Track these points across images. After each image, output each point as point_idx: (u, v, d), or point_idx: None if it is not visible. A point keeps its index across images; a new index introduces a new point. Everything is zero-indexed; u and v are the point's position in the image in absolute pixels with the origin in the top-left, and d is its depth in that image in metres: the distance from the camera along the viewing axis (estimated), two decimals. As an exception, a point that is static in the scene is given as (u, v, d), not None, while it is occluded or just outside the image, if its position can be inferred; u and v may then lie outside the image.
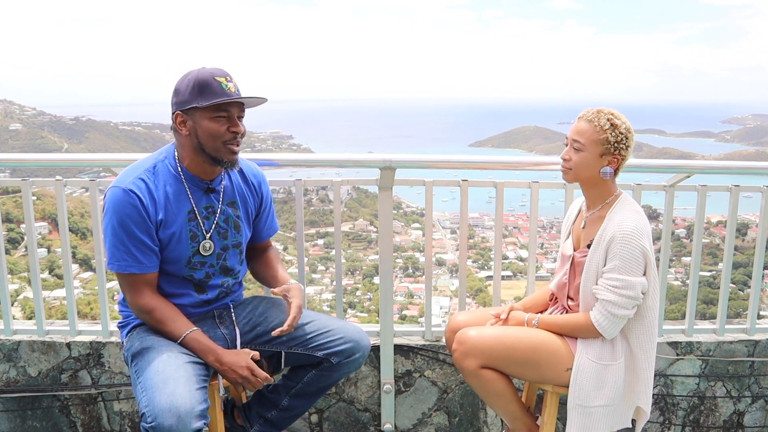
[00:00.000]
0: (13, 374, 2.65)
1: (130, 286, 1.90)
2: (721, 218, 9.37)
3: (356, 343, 2.06)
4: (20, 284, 12.52)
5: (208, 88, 1.81)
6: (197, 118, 1.84)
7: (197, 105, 1.82)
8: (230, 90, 1.83)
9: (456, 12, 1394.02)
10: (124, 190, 1.83)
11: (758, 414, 2.81)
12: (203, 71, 1.84)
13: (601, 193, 1.99)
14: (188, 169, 1.92)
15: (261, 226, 2.18)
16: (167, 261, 1.93)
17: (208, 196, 1.96)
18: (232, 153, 1.89)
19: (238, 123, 1.88)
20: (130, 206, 1.82)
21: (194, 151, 1.89)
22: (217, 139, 1.85)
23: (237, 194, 2.04)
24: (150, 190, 1.86)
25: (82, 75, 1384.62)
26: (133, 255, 1.85)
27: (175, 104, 1.86)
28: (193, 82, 1.82)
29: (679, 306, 8.78)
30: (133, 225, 1.83)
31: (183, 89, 1.84)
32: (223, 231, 2.00)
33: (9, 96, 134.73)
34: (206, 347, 1.87)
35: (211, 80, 1.82)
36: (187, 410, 1.65)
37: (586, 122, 1.92)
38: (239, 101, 1.86)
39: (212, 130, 1.84)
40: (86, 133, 35.22)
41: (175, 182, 1.91)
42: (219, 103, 1.82)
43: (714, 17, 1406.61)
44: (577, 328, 1.95)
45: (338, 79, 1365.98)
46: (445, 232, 22.66)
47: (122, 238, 1.83)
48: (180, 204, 1.91)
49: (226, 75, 1.85)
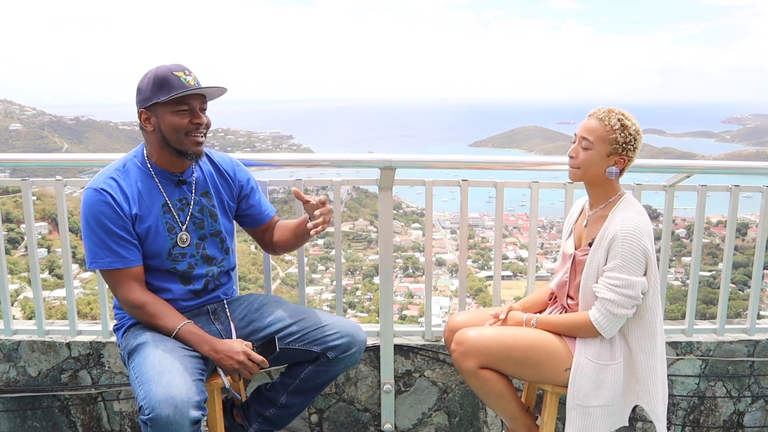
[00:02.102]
0: (13, 374, 2.65)
1: (118, 283, 1.92)
2: (721, 218, 9.37)
3: (352, 338, 2.07)
4: (20, 284, 12.53)
5: (168, 83, 1.85)
6: (160, 114, 1.88)
7: (158, 100, 1.86)
8: (189, 83, 1.87)
9: (456, 12, 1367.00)
10: (95, 190, 1.88)
11: (758, 414, 2.81)
12: (161, 68, 1.88)
13: (605, 192, 1.99)
14: (157, 164, 1.97)
15: (256, 208, 2.19)
16: (149, 255, 1.96)
17: (180, 188, 2.00)
18: (197, 144, 1.93)
19: (200, 115, 1.92)
20: (103, 204, 1.86)
21: (160, 146, 1.94)
22: (180, 132, 1.89)
23: (210, 185, 2.07)
24: (121, 187, 1.90)
25: (82, 75, 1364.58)
26: (114, 251, 1.88)
27: (138, 102, 1.91)
28: (152, 79, 1.87)
29: (679, 306, 8.78)
30: (108, 221, 1.87)
31: (144, 87, 1.89)
32: (198, 221, 2.03)
33: (9, 96, 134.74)
34: (201, 338, 1.88)
35: (169, 75, 1.86)
36: (183, 400, 1.66)
37: (596, 120, 1.92)
38: (200, 93, 1.91)
39: (175, 124, 1.88)
40: (86, 133, 35.23)
41: (145, 178, 1.96)
42: (179, 96, 1.85)
43: (714, 17, 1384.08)
44: (576, 328, 1.95)
45: (338, 79, 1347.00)
46: (445, 232, 22.66)
47: (100, 236, 1.87)
48: (153, 198, 1.95)
49: (184, 69, 1.89)
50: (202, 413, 1.70)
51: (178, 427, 1.64)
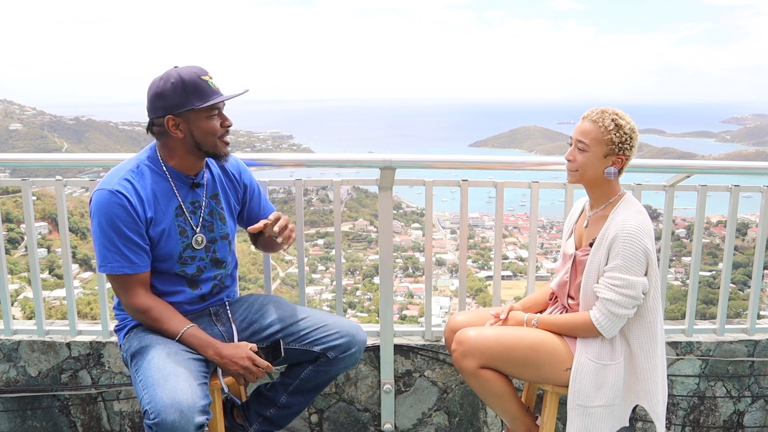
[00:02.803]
0: (13, 374, 2.65)
1: (124, 287, 1.90)
2: (721, 218, 9.38)
3: (352, 338, 2.07)
4: (20, 284, 12.53)
5: (199, 90, 1.85)
6: (193, 120, 1.87)
7: (192, 107, 1.84)
8: (215, 87, 1.88)
9: (457, 12, 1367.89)
10: (110, 191, 1.83)
11: (758, 414, 2.81)
12: (186, 72, 1.85)
13: (605, 192, 1.99)
14: (173, 166, 1.96)
15: (255, 213, 2.20)
16: (159, 258, 1.94)
17: (193, 191, 2.00)
18: (227, 145, 1.96)
19: (226, 117, 1.95)
20: (118, 207, 1.83)
21: (188, 151, 1.92)
22: (215, 136, 1.91)
23: (219, 187, 2.07)
24: (137, 189, 1.88)
25: (82, 75, 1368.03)
26: (125, 255, 1.85)
27: (162, 108, 1.85)
28: (181, 85, 1.83)
29: (679, 306, 8.78)
30: (122, 225, 1.83)
31: (170, 93, 1.84)
32: (208, 224, 2.03)
33: (9, 96, 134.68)
34: (205, 342, 1.88)
35: (198, 80, 1.85)
36: (189, 405, 1.66)
37: (590, 122, 1.92)
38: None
39: (209, 129, 1.89)
40: (86, 133, 35.25)
41: (160, 180, 1.94)
42: (215, 103, 1.86)
43: (714, 17, 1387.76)
44: (577, 328, 1.95)
45: (339, 79, 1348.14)
46: (445, 232, 22.67)
47: (113, 239, 1.84)
48: (168, 201, 1.94)
49: (206, 72, 1.89)
50: (206, 417, 1.70)
51: (183, 431, 1.64)
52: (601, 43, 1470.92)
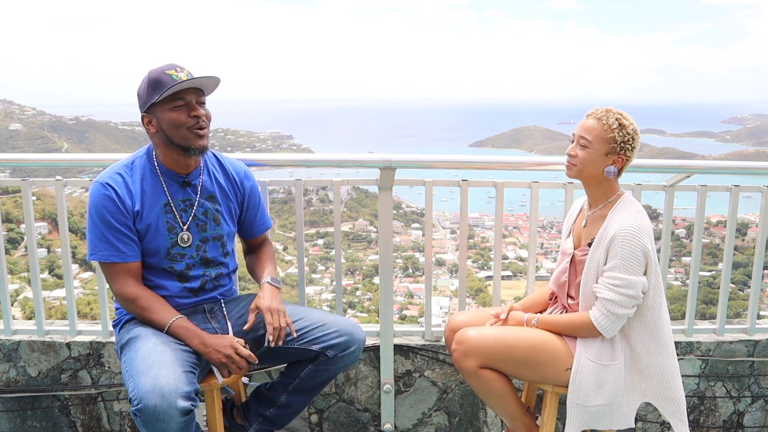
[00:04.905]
0: (13, 374, 2.65)
1: (114, 276, 1.96)
2: (721, 218, 9.37)
3: (351, 336, 2.07)
4: (20, 284, 12.52)
5: (160, 83, 1.88)
6: (158, 114, 1.91)
7: (153, 101, 1.89)
8: (181, 79, 1.89)
9: (457, 12, 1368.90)
10: (101, 184, 1.93)
11: (758, 414, 2.81)
12: (154, 70, 1.91)
13: (604, 191, 1.99)
14: (163, 163, 2.00)
15: (249, 222, 2.21)
16: (147, 253, 1.99)
17: (184, 190, 2.02)
18: (199, 137, 1.94)
19: (197, 107, 1.93)
20: (106, 198, 1.91)
21: (166, 146, 1.96)
22: (182, 127, 1.91)
23: (216, 189, 2.08)
24: (126, 183, 1.95)
25: (82, 75, 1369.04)
26: (113, 245, 1.92)
27: (140, 108, 1.95)
28: (147, 82, 1.91)
29: (679, 306, 8.77)
30: (109, 215, 1.91)
31: (141, 92, 1.93)
32: (201, 223, 2.05)
33: (9, 96, 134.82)
34: (192, 332, 1.90)
35: (161, 74, 1.89)
36: (170, 390, 1.67)
37: (594, 120, 1.93)
38: (196, 87, 1.92)
39: (173, 120, 1.90)
40: (86, 133, 35.24)
41: (151, 176, 1.99)
42: (172, 93, 1.87)
43: (714, 17, 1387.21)
44: (577, 327, 1.95)
45: (339, 79, 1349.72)
46: (445, 232, 22.65)
47: (101, 229, 1.92)
48: (156, 196, 1.98)
49: (175, 67, 1.91)
50: (191, 404, 1.70)
51: (166, 416, 1.65)
52: (601, 43, 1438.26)
